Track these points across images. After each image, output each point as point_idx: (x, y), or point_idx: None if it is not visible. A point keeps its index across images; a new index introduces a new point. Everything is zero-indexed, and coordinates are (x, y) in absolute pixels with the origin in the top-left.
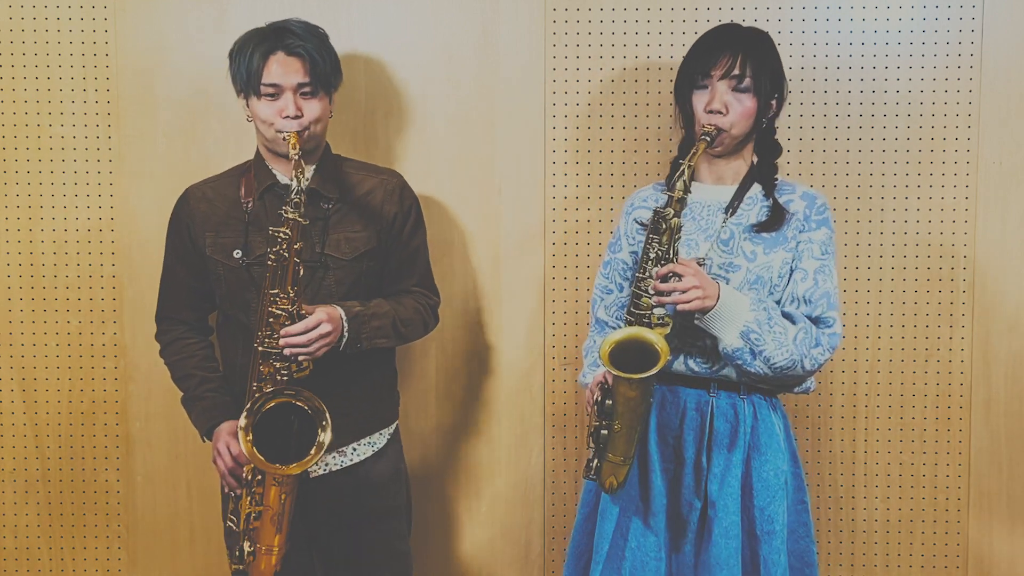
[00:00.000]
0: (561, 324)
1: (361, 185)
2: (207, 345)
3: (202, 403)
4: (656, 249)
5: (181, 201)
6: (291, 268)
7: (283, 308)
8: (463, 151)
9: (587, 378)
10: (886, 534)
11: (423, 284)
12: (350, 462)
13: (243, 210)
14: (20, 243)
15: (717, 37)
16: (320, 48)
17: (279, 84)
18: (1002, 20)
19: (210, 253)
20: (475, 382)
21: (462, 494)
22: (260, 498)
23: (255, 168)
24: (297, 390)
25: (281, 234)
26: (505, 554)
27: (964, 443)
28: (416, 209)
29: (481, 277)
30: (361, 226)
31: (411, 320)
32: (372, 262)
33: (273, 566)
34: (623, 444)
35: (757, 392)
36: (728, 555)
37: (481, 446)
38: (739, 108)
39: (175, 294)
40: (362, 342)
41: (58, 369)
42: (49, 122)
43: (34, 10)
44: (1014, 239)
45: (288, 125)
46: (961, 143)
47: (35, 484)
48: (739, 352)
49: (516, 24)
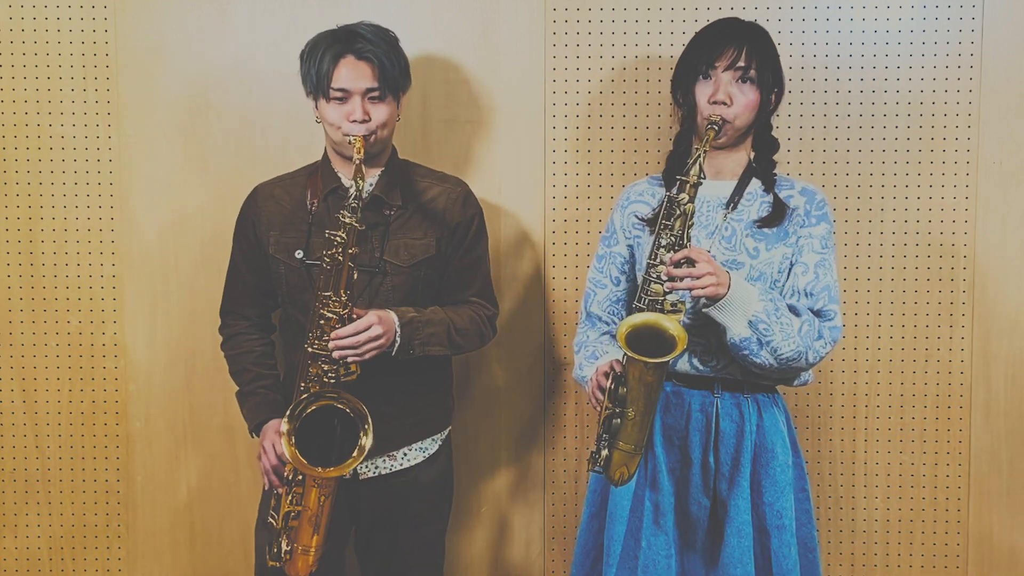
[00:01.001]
0: (561, 323)
1: (426, 192)
2: (266, 343)
3: (254, 399)
4: (668, 235)
5: (249, 199)
6: (345, 272)
7: (334, 311)
8: (463, 151)
9: (583, 371)
10: (886, 534)
11: (482, 295)
12: (400, 466)
13: (308, 211)
14: (20, 243)
15: (721, 29)
16: (390, 53)
17: (347, 88)
18: (1002, 20)
19: (272, 252)
20: (475, 381)
21: (462, 494)
22: (300, 498)
23: (322, 170)
24: (339, 393)
25: (337, 238)
26: (505, 554)
27: (964, 443)
28: (479, 219)
29: None
30: (422, 233)
31: (466, 330)
32: (431, 269)
33: (310, 566)
34: (636, 431)
35: (760, 391)
36: (741, 553)
37: (481, 446)
38: (743, 100)
39: (239, 290)
40: (415, 348)
41: (58, 369)
42: (49, 122)
43: (34, 10)
44: (1014, 239)
45: (355, 129)
46: (961, 143)
47: (35, 484)
48: (747, 342)
49: (516, 24)
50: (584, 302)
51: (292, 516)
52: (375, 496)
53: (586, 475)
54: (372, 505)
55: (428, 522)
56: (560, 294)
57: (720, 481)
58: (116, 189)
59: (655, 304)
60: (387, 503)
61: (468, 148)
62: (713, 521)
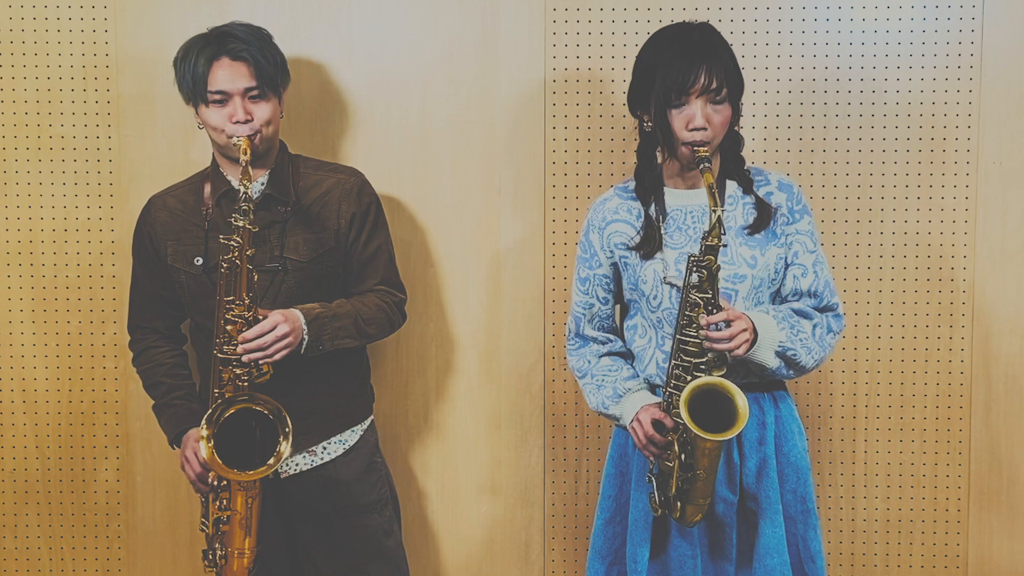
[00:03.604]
0: (561, 324)
1: (319, 185)
2: (178, 353)
3: (170, 410)
4: (697, 294)
5: (144, 210)
6: (244, 275)
7: (239, 315)
8: (463, 151)
9: (609, 410)
10: (886, 534)
11: (387, 282)
12: (320, 461)
13: (203, 217)
14: (20, 243)
15: (682, 52)
16: (264, 50)
17: (226, 90)
18: (1002, 20)
19: (171, 261)
20: (475, 382)
21: (462, 494)
22: (228, 503)
23: (211, 175)
24: (253, 395)
25: (232, 242)
26: (505, 554)
27: (964, 443)
28: (375, 207)
29: (481, 277)
30: (319, 226)
31: (374, 319)
32: (332, 262)
33: (245, 568)
34: (708, 488)
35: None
36: (777, 542)
37: (481, 446)
38: (718, 119)
39: (144, 303)
40: (324, 343)
41: (58, 369)
42: (49, 122)
43: (34, 10)
44: (1014, 239)
45: (239, 130)
46: (961, 143)
47: (35, 484)
48: (779, 368)
49: (516, 24)
50: (575, 324)
51: (222, 521)
52: (300, 492)
53: (586, 475)
54: (299, 502)
55: (362, 512)
56: (560, 294)
57: (747, 476)
58: (116, 189)
59: (696, 367)
60: (313, 498)
61: (468, 148)
62: (742, 515)
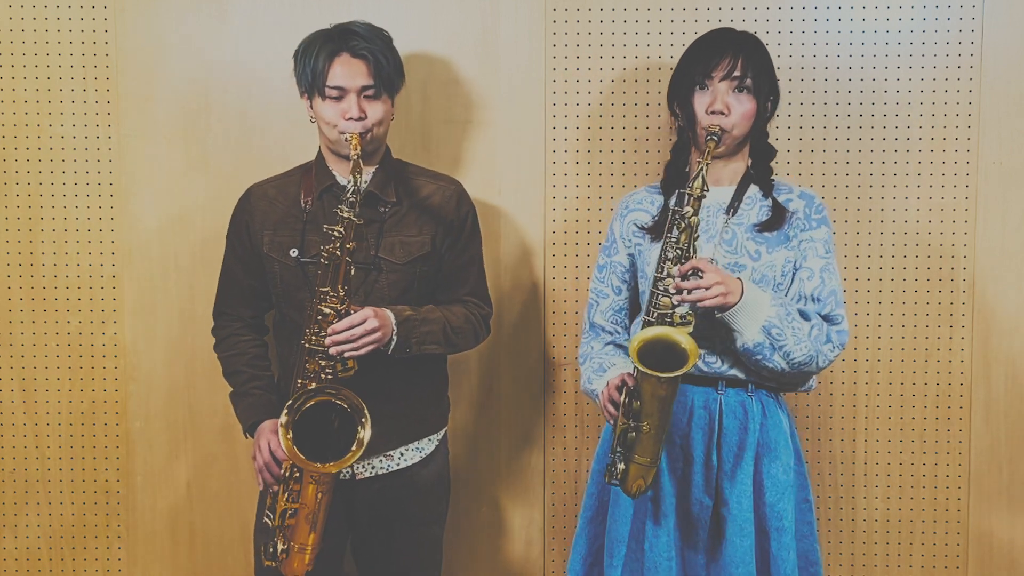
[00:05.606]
0: (561, 325)
1: (419, 190)
2: (260, 344)
3: (248, 399)
4: (674, 248)
5: (242, 199)
6: (343, 267)
7: (332, 307)
8: (463, 151)
9: (592, 384)
10: (886, 534)
11: (476, 294)
12: (397, 466)
13: (302, 209)
14: (20, 243)
15: (716, 40)
16: (384, 50)
17: (343, 86)
18: (1002, 20)
19: (267, 251)
20: (475, 382)
21: (462, 494)
22: (297, 495)
23: (316, 168)
24: (337, 388)
25: (335, 232)
26: (505, 554)
27: (964, 443)
28: (472, 217)
29: None
30: (417, 230)
31: (462, 329)
32: (426, 267)
33: (306, 565)
34: (652, 444)
35: (764, 389)
36: (743, 552)
37: (481, 446)
38: (740, 109)
39: (233, 291)
40: (411, 346)
41: (58, 369)
42: (49, 122)
43: (34, 10)
44: (1014, 239)
45: (351, 127)
46: (961, 143)
47: (35, 484)
48: (760, 347)
49: (516, 24)
50: (587, 312)
51: (289, 514)
52: (372, 496)
53: (586, 475)
54: (369, 506)
55: (425, 522)
56: (560, 294)
57: (723, 479)
58: (116, 189)
59: (664, 318)
60: (384, 503)
61: (468, 149)
62: (715, 520)
